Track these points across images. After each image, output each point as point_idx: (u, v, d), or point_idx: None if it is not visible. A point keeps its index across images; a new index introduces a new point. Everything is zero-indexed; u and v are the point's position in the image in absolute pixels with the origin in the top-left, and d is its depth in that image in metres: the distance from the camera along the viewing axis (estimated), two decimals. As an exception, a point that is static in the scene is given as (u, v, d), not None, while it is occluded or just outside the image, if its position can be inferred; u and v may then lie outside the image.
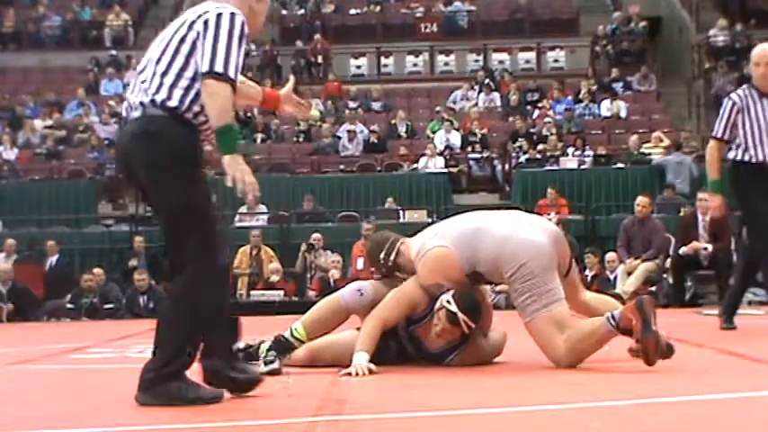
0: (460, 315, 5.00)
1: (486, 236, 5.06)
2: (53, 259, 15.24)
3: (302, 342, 5.22)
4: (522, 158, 18.59)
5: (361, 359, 4.93)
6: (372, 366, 4.90)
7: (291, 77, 5.38)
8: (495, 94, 21.81)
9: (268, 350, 5.17)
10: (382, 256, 5.34)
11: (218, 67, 3.95)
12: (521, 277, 4.90)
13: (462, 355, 5.21)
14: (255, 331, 5.76)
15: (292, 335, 5.21)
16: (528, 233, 5.03)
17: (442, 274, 5.08)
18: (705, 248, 12.24)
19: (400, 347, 5.31)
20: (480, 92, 21.80)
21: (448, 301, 5.02)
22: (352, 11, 25.14)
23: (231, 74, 3.96)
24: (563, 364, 4.90)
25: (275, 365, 5.05)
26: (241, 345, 5.63)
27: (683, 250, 12.45)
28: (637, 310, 4.69)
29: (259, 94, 4.81)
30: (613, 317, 4.79)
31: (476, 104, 21.29)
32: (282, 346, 5.19)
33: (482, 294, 5.25)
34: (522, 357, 5.36)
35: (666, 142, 17.92)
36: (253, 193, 4.02)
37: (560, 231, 5.27)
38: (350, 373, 4.84)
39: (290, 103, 4.87)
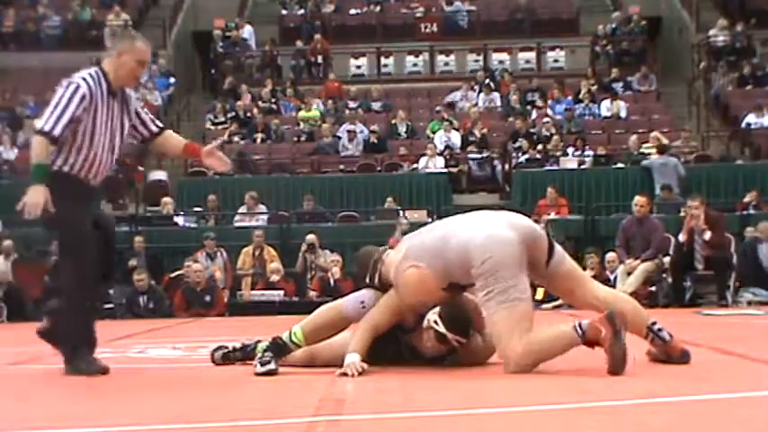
0: (449, 335, 5.00)
1: (452, 241, 4.97)
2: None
3: (300, 347, 5.21)
4: (522, 158, 18.60)
5: (352, 359, 4.94)
6: (365, 365, 4.91)
7: (219, 140, 6.48)
8: (495, 94, 21.81)
9: (264, 351, 5.16)
10: (368, 279, 5.32)
11: (39, 125, 5.31)
12: (485, 272, 4.82)
13: (458, 356, 5.21)
14: (255, 331, 5.76)
15: (291, 338, 5.19)
16: (492, 229, 4.92)
17: (420, 295, 5.05)
18: (703, 230, 12.32)
19: (397, 351, 5.31)
20: (480, 92, 21.80)
21: (435, 322, 5.00)
22: (352, 11, 25.15)
23: (47, 128, 5.25)
24: (512, 367, 4.81)
25: (272, 366, 5.05)
26: (237, 344, 5.64)
27: (681, 236, 12.51)
28: (608, 322, 4.62)
29: (180, 145, 5.76)
30: (581, 326, 4.70)
31: (476, 104, 21.29)
32: (280, 349, 5.17)
33: (469, 300, 5.19)
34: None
35: (665, 141, 17.93)
36: (34, 215, 5.21)
37: (532, 227, 5.11)
38: (345, 373, 4.85)
39: (211, 158, 5.73)
